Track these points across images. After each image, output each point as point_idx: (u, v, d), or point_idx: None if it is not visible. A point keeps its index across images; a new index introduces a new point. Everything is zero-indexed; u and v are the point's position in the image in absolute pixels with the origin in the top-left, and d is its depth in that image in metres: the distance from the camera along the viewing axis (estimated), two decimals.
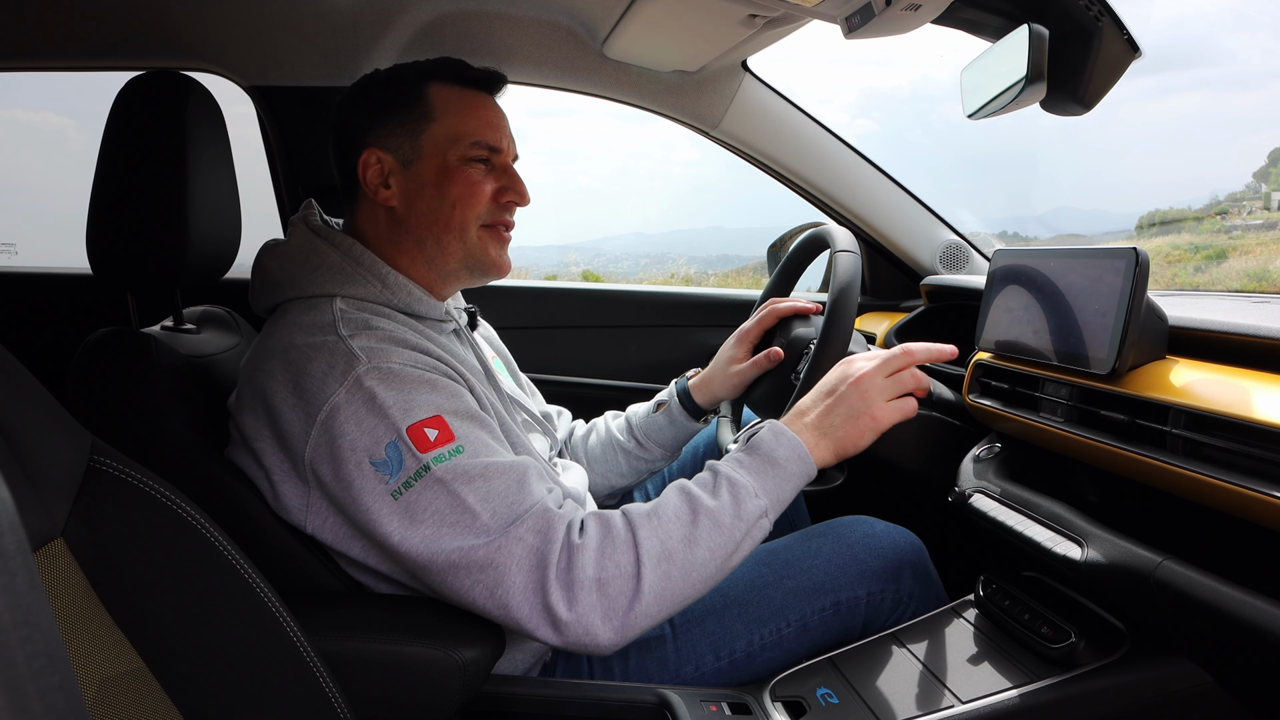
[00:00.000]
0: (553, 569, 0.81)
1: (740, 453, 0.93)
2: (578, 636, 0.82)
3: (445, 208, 1.00)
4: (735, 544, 0.87)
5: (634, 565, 0.83)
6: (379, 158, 1.00)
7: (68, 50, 1.43)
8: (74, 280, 1.78)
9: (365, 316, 0.94)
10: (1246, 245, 7.84)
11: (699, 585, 0.86)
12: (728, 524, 0.87)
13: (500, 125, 1.04)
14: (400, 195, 1.01)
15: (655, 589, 0.83)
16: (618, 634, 0.82)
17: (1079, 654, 0.88)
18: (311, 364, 0.88)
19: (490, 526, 0.83)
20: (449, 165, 0.99)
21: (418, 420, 0.85)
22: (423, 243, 1.01)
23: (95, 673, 0.58)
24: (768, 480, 0.90)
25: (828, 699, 0.94)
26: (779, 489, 0.90)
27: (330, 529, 0.91)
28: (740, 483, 0.89)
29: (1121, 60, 0.98)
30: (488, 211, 1.02)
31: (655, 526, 0.85)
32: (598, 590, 0.82)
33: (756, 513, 0.88)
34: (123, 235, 0.98)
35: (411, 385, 0.87)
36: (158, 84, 1.01)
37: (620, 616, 0.82)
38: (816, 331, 1.18)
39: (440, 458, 0.84)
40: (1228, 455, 0.74)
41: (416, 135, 1.00)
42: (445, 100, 1.01)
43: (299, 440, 0.88)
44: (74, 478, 0.62)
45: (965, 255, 1.69)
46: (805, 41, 1.94)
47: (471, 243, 1.02)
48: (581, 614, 0.81)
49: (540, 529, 0.83)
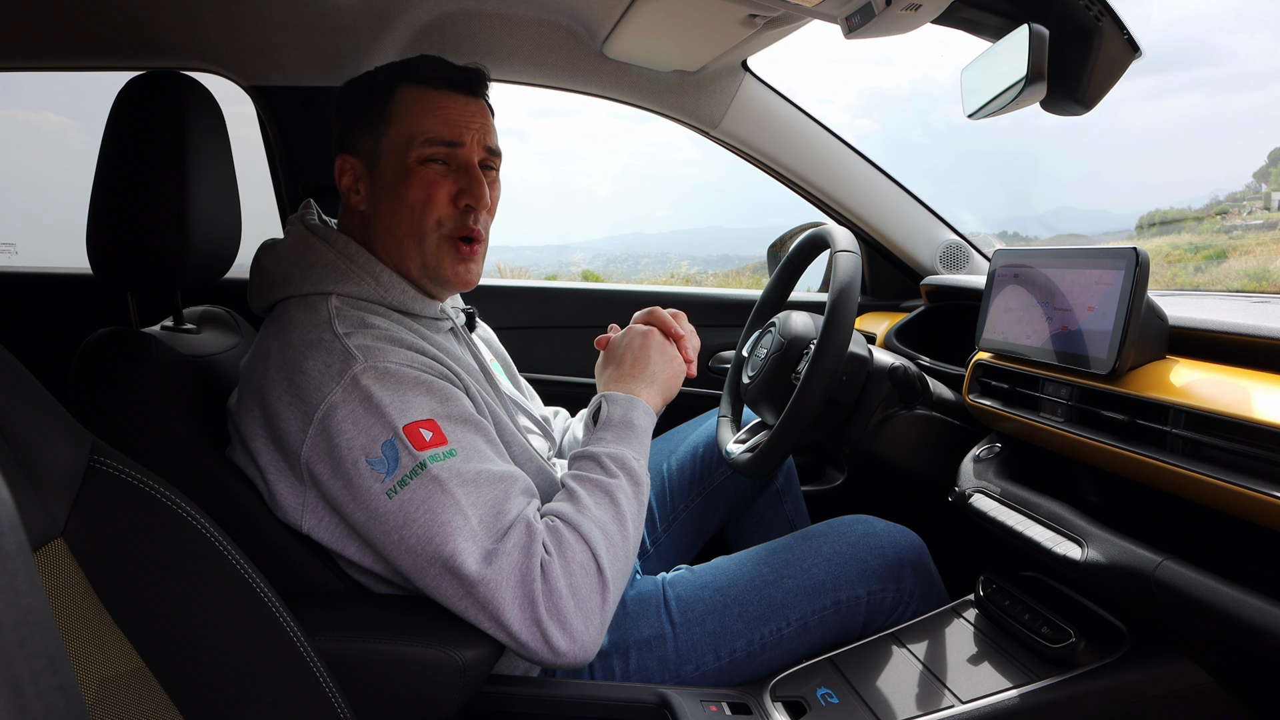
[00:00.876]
0: (537, 584, 0.82)
1: (603, 431, 0.99)
2: (567, 648, 0.83)
3: (404, 211, 0.98)
4: (642, 507, 0.94)
5: (592, 560, 0.86)
6: (351, 164, 1.01)
7: (68, 50, 1.43)
8: (74, 280, 1.78)
9: (360, 315, 0.93)
10: (1246, 245, 7.84)
11: (633, 558, 0.92)
12: (634, 493, 0.93)
13: (460, 120, 0.99)
14: (368, 199, 1.01)
15: (614, 573, 0.87)
16: (598, 631, 0.85)
17: (1079, 654, 0.88)
18: (307, 362, 0.88)
19: (477, 533, 0.83)
20: (407, 167, 0.98)
21: (413, 421, 0.86)
22: (388, 247, 1.01)
23: (95, 673, 0.58)
24: (634, 444, 0.98)
25: (828, 699, 0.94)
26: (644, 445, 1.00)
27: (326, 529, 0.91)
28: (621, 455, 0.95)
29: (1121, 60, 0.98)
30: (449, 219, 0.99)
31: (590, 517, 0.88)
32: (574, 598, 0.83)
33: (643, 476, 0.96)
34: (123, 235, 0.98)
35: (407, 386, 0.88)
36: (158, 84, 1.01)
37: (598, 612, 0.85)
38: (817, 331, 1.18)
39: (435, 457, 0.85)
40: (1228, 455, 0.74)
41: (378, 139, 0.99)
42: (406, 101, 0.99)
43: (296, 439, 0.88)
44: (74, 478, 0.62)
45: (965, 255, 1.69)
46: (805, 41, 1.94)
47: (429, 251, 0.99)
48: (566, 624, 0.82)
49: (523, 544, 0.83)
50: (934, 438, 1.18)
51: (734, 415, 1.35)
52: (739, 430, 1.31)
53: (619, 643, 1.03)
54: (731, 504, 1.41)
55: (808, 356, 1.13)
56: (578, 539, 0.86)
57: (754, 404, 1.26)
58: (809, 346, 1.19)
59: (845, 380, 1.16)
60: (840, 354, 1.04)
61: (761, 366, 1.22)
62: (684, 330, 1.14)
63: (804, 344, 1.19)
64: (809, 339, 1.20)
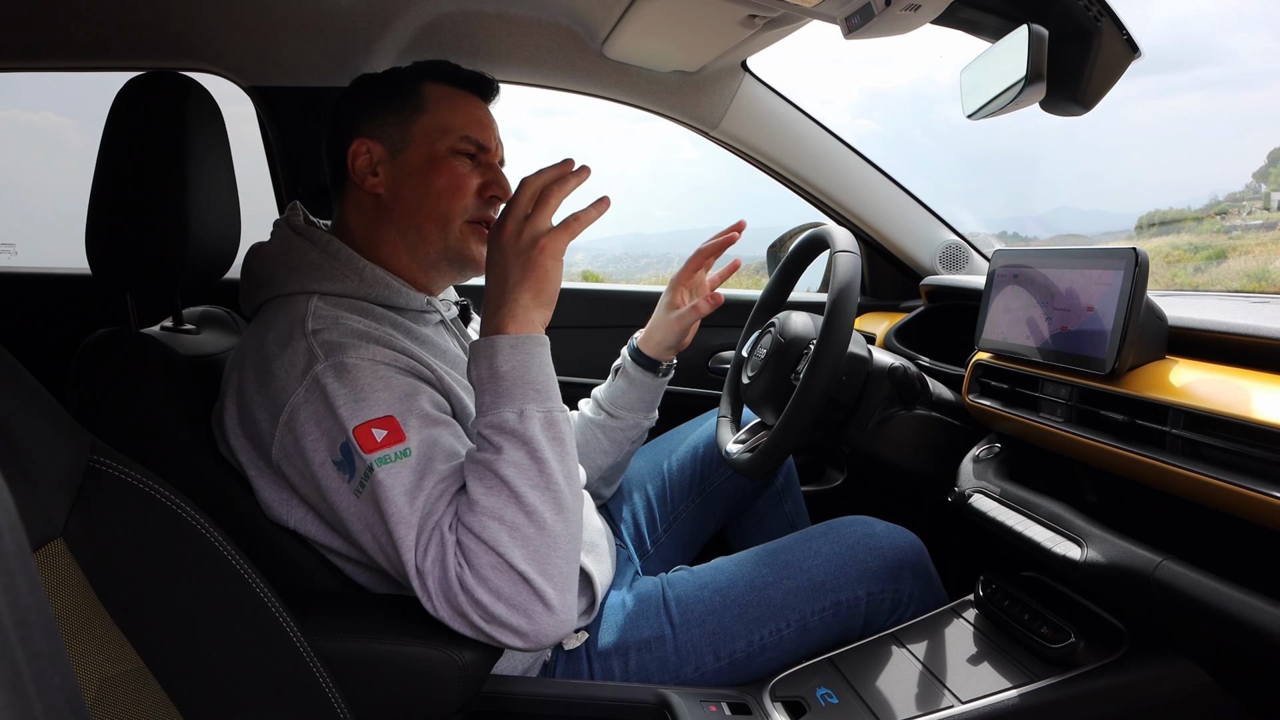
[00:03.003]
0: (460, 597, 0.79)
1: (481, 395, 0.84)
2: (524, 641, 0.79)
3: (430, 197, 1.00)
4: (544, 462, 0.81)
5: (499, 559, 0.78)
6: (369, 147, 1.02)
7: (68, 50, 1.43)
8: (74, 280, 1.78)
9: (337, 313, 0.92)
10: (1246, 245, 7.84)
11: (560, 525, 0.81)
12: (524, 461, 0.81)
13: (490, 126, 1.06)
14: (387, 183, 1.02)
15: (531, 562, 0.79)
16: (546, 613, 0.79)
17: (1079, 654, 0.88)
18: (275, 362, 0.88)
19: (415, 546, 0.80)
20: (437, 155, 1.01)
21: (366, 420, 0.83)
22: (405, 230, 1.02)
23: (95, 673, 0.58)
24: (519, 390, 0.82)
25: (828, 699, 0.94)
26: (532, 381, 0.83)
27: (311, 523, 0.92)
28: (499, 421, 0.81)
29: (1121, 60, 0.98)
30: (473, 206, 1.02)
31: (481, 510, 0.79)
32: (500, 600, 0.79)
33: (535, 424, 0.81)
34: (122, 235, 0.98)
35: (365, 383, 0.85)
36: (158, 84, 1.01)
37: (535, 603, 0.79)
38: (817, 331, 1.18)
39: (385, 459, 0.81)
40: (1227, 455, 0.74)
41: (407, 125, 1.02)
42: (438, 95, 1.04)
43: (266, 439, 0.88)
44: (74, 478, 0.62)
45: (965, 255, 1.69)
46: (805, 41, 1.95)
47: (453, 235, 1.02)
48: (506, 623, 0.79)
49: (439, 559, 0.79)
50: (934, 438, 1.18)
51: (734, 415, 1.35)
52: (739, 430, 1.31)
53: (619, 643, 1.03)
54: (731, 504, 1.41)
55: (807, 357, 1.13)
56: (477, 542, 0.79)
57: (754, 404, 1.26)
58: (809, 347, 1.19)
59: (845, 380, 1.16)
60: (840, 354, 1.04)
61: (761, 367, 1.22)
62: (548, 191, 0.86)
63: (804, 344, 1.19)
64: (809, 339, 1.20)
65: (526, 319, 0.85)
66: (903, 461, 1.18)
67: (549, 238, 0.84)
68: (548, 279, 0.85)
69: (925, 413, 1.17)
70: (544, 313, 0.86)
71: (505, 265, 0.85)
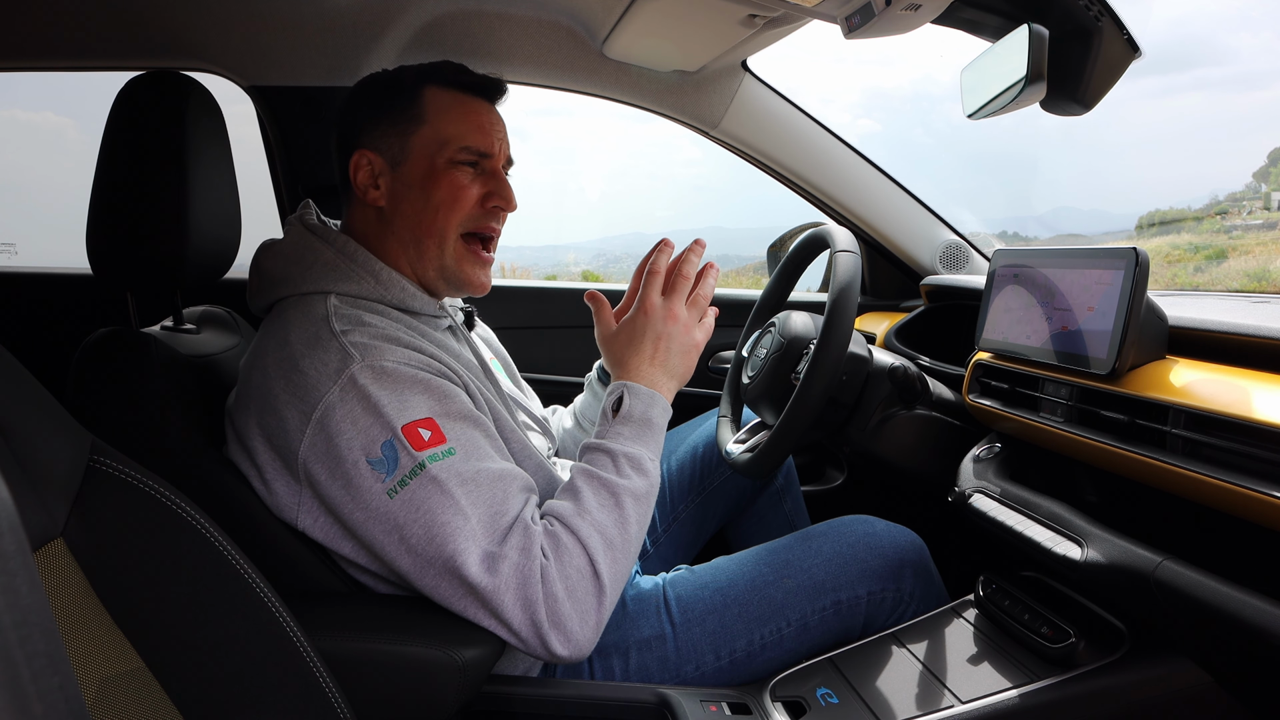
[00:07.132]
0: (536, 588, 0.83)
1: (621, 426, 0.97)
2: (563, 649, 0.84)
3: (429, 211, 1.00)
4: (649, 508, 0.94)
5: (589, 565, 0.86)
6: (369, 159, 1.01)
7: (68, 50, 1.43)
8: (74, 280, 1.78)
9: (358, 313, 0.94)
10: (1246, 245, 7.84)
11: (635, 558, 0.92)
12: (644, 494, 0.93)
13: (491, 130, 1.04)
14: (388, 196, 1.01)
15: (611, 577, 0.87)
16: (594, 631, 0.86)
17: (1079, 654, 0.88)
18: (304, 361, 0.88)
19: (477, 534, 0.84)
20: (436, 168, 1.00)
21: (412, 420, 0.86)
22: (406, 245, 1.02)
23: (95, 673, 0.58)
24: (650, 442, 0.97)
25: (828, 699, 0.94)
26: (659, 443, 0.99)
27: (321, 527, 0.92)
28: (636, 455, 0.94)
29: (1121, 60, 0.98)
30: (471, 218, 1.02)
31: (590, 521, 0.88)
32: (570, 601, 0.84)
33: (656, 474, 0.96)
34: (123, 235, 0.98)
35: (405, 385, 0.88)
36: (158, 84, 1.01)
37: (594, 614, 0.86)
38: (817, 331, 1.18)
39: (434, 456, 0.85)
40: (1227, 455, 0.74)
41: (406, 137, 1.01)
42: (438, 104, 1.02)
43: (294, 438, 0.88)
44: (74, 478, 0.62)
45: (965, 255, 1.69)
46: (805, 41, 1.95)
47: (449, 254, 1.02)
48: (562, 626, 0.84)
49: (522, 547, 0.84)
50: (934, 438, 1.18)
51: (734, 415, 1.35)
52: (739, 430, 1.31)
53: (619, 643, 1.03)
54: (731, 504, 1.41)
55: (808, 356, 1.13)
56: (575, 543, 0.86)
57: (754, 404, 1.26)
58: (809, 346, 1.19)
59: (845, 380, 1.16)
60: (840, 354, 1.04)
61: (761, 366, 1.22)
62: (704, 293, 1.05)
63: (804, 344, 1.19)
64: (809, 339, 1.20)
65: (671, 394, 1.02)
66: (903, 461, 1.18)
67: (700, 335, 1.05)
68: (689, 374, 1.05)
69: (925, 413, 1.17)
70: (673, 392, 1.03)
71: (674, 338, 1.02)
